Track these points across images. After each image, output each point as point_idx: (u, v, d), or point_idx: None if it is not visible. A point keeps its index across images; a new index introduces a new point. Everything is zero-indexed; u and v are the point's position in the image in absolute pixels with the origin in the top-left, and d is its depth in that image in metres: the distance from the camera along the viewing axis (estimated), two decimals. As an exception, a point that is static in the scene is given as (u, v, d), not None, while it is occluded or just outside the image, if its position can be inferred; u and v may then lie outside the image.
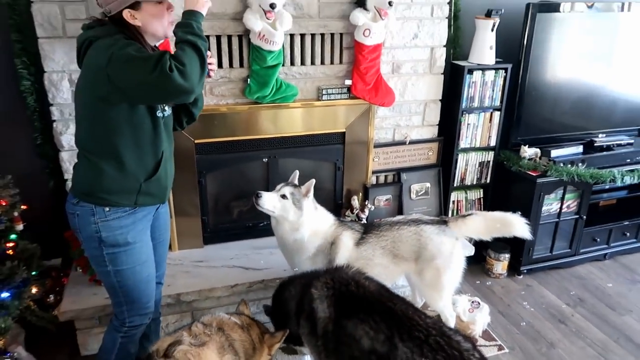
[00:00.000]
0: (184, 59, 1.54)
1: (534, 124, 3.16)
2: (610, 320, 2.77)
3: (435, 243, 2.28)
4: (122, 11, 1.62)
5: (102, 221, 1.71)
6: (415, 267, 2.33)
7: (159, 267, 2.05)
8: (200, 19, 1.68)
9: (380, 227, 2.35)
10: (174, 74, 1.50)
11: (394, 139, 3.02)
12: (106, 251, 1.74)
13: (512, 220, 2.35)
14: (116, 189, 1.71)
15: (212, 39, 2.48)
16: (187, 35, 1.61)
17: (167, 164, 1.83)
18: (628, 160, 3.24)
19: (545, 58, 3.04)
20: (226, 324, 1.70)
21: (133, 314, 1.88)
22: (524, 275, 3.17)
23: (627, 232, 3.37)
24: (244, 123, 2.67)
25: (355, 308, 1.71)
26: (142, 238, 1.82)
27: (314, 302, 1.81)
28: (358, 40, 2.63)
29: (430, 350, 1.49)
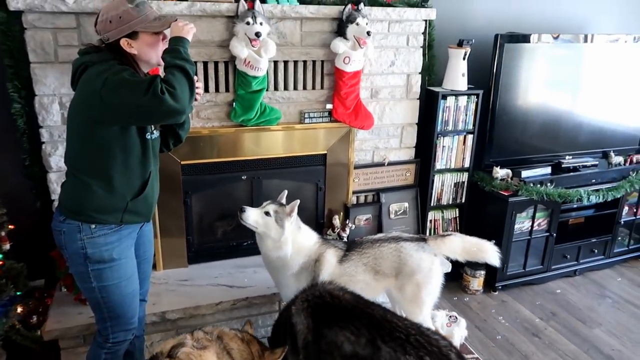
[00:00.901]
0: (174, 82, 1.64)
1: (505, 146, 3.33)
2: (581, 332, 2.90)
3: (414, 259, 2.37)
4: (120, 40, 1.71)
5: (88, 238, 1.76)
6: (396, 283, 2.41)
7: (142, 284, 2.08)
8: (186, 44, 1.78)
9: (362, 245, 2.42)
10: (166, 96, 1.59)
11: (373, 161, 3.14)
12: (91, 267, 1.78)
13: (487, 248, 2.44)
14: (104, 207, 1.76)
15: (199, 64, 2.59)
16: (176, 60, 1.70)
17: (154, 183, 1.91)
18: (593, 180, 3.42)
19: (514, 85, 3.24)
20: (226, 334, 1.76)
21: (117, 329, 1.91)
22: (499, 291, 3.29)
23: (595, 249, 3.53)
24: (229, 145, 2.76)
25: (333, 317, 1.78)
26: (127, 254, 1.87)
27: (292, 317, 1.88)
28: (338, 67, 2.78)
29: (413, 348, 1.57)
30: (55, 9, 2.23)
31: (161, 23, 1.77)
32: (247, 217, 2.26)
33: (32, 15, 2.25)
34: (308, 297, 1.92)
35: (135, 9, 1.71)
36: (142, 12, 1.73)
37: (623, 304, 3.22)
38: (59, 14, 2.27)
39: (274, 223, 2.28)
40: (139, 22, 1.71)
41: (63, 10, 2.24)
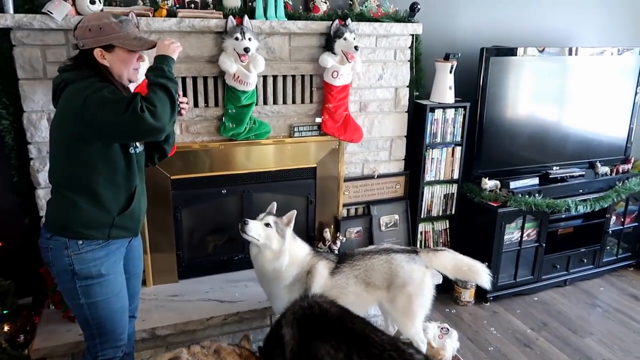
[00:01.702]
0: (155, 101, 1.65)
1: (493, 158, 3.36)
2: (573, 342, 2.90)
3: (405, 270, 2.38)
4: (94, 49, 1.72)
5: (76, 254, 1.75)
6: (387, 295, 2.41)
7: (132, 300, 2.06)
8: (171, 63, 1.79)
9: (354, 257, 2.43)
10: (145, 114, 1.60)
11: (363, 174, 3.16)
12: (79, 284, 1.77)
13: (479, 269, 2.46)
14: (90, 223, 1.76)
15: (188, 79, 2.61)
16: (158, 78, 1.71)
17: (140, 198, 1.90)
18: (581, 190, 3.46)
19: (501, 97, 3.28)
20: (223, 349, 1.74)
21: (106, 346, 1.89)
22: (490, 302, 3.29)
23: (585, 258, 3.56)
24: (219, 159, 2.77)
25: (318, 330, 1.80)
26: (115, 270, 1.85)
27: (282, 329, 1.89)
28: (327, 81, 2.81)
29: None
30: (44, 26, 2.25)
31: (140, 43, 1.79)
32: (249, 229, 2.25)
33: (20, 33, 2.27)
34: (296, 309, 1.94)
35: (118, 24, 1.74)
36: (123, 28, 1.75)
37: (613, 313, 3.23)
38: (48, 31, 2.29)
39: (275, 233, 2.29)
40: (118, 37, 1.73)
41: (52, 27, 2.26)
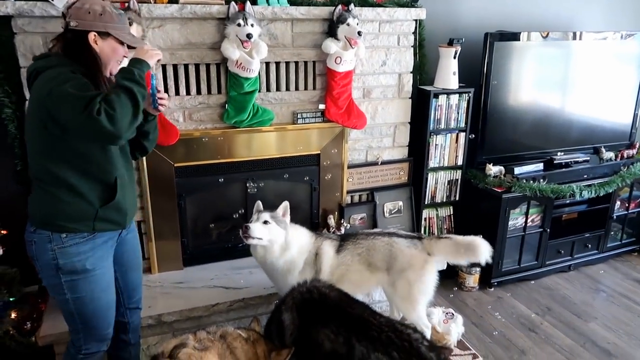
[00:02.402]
0: (116, 104, 1.55)
1: (498, 144, 3.35)
2: (577, 327, 2.91)
3: (405, 255, 2.39)
4: (90, 32, 1.68)
5: (59, 248, 1.70)
6: (388, 278, 2.43)
7: (134, 293, 2.06)
8: (144, 67, 1.72)
9: (357, 237, 2.47)
10: (102, 117, 1.52)
11: (367, 160, 3.16)
12: (64, 279, 1.73)
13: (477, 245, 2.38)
14: (72, 216, 1.71)
15: (191, 66, 2.60)
16: (125, 81, 1.63)
17: (126, 189, 1.83)
18: (585, 176, 3.45)
19: (505, 83, 3.26)
20: (229, 334, 1.74)
21: (90, 340, 1.86)
22: (494, 287, 3.30)
23: (589, 244, 3.55)
24: (223, 147, 2.76)
25: (318, 314, 1.83)
26: (102, 265, 1.80)
27: (282, 314, 1.92)
28: (330, 68, 2.79)
29: (382, 345, 1.64)
30: (45, 14, 2.23)
31: (132, 39, 1.80)
32: (253, 232, 2.26)
33: (21, 20, 2.25)
34: (295, 295, 1.96)
35: (117, 16, 1.73)
36: (121, 21, 1.75)
37: (617, 297, 3.24)
38: (49, 18, 2.27)
39: (276, 227, 2.31)
40: (115, 28, 1.72)
41: (52, 14, 2.24)
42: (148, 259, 2.80)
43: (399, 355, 1.60)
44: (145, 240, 2.77)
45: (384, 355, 1.61)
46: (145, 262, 2.81)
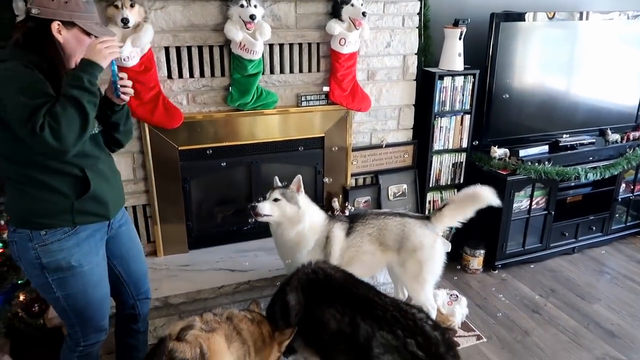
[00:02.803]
0: (61, 118, 1.44)
1: (503, 126, 3.33)
2: (581, 308, 2.92)
3: (417, 235, 2.40)
4: (53, 21, 1.56)
5: (41, 246, 1.63)
6: (398, 258, 2.44)
7: (141, 284, 2.02)
8: (96, 71, 1.56)
9: (366, 217, 2.48)
10: (45, 133, 1.42)
11: (371, 143, 3.14)
12: (51, 277, 1.67)
13: (480, 193, 2.45)
14: (47, 211, 1.63)
15: (194, 49, 2.57)
16: (73, 90, 1.49)
17: (102, 180, 1.73)
18: (590, 158, 3.43)
19: (510, 64, 3.23)
20: (235, 315, 1.76)
21: (88, 331, 1.82)
22: (498, 270, 3.31)
23: (593, 226, 3.55)
24: (227, 130, 2.75)
25: (323, 295, 1.85)
26: (90, 260, 1.73)
27: (287, 295, 1.93)
28: (334, 49, 2.76)
29: (388, 324, 1.65)
30: (47, -6, 2.21)
31: (100, 30, 1.67)
32: (261, 209, 2.27)
33: (22, 2, 2.22)
34: (300, 275, 1.97)
35: (84, 4, 1.61)
36: (89, 10, 1.63)
37: (621, 279, 3.25)
38: (51, 0, 2.24)
39: (286, 203, 2.31)
40: (81, 17, 1.60)
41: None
42: (154, 242, 2.82)
43: (403, 334, 1.61)
44: (151, 224, 2.78)
45: (389, 334, 1.62)
46: (151, 245, 2.83)
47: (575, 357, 2.52)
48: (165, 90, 2.57)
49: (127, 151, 2.60)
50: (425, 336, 1.61)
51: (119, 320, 2.12)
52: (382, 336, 1.62)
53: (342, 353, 1.74)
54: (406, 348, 1.58)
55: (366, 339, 1.65)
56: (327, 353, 1.81)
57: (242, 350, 1.68)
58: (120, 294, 2.01)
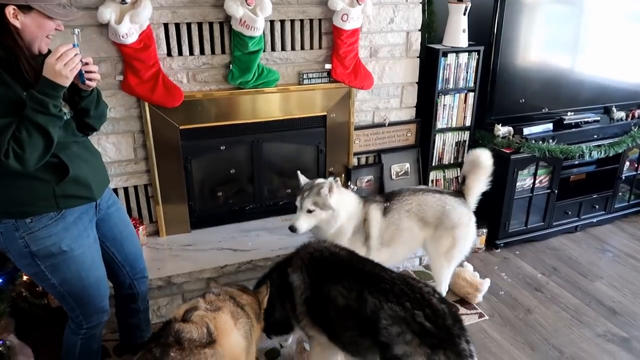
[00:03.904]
0: (26, 145, 1.44)
1: (507, 104, 3.29)
2: (583, 286, 2.93)
3: (457, 213, 2.43)
4: (6, 5, 1.44)
5: (28, 234, 1.61)
6: (434, 234, 2.46)
7: (137, 263, 2.03)
8: (60, 92, 1.49)
9: (402, 194, 2.49)
10: (10, 160, 1.44)
11: (374, 121, 3.11)
12: (43, 264, 1.65)
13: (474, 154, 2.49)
14: (30, 198, 1.60)
15: (193, 25, 2.52)
16: (38, 116, 1.44)
17: (81, 162, 1.68)
18: (595, 136, 3.40)
19: (515, 40, 3.17)
20: (236, 293, 1.77)
21: (88, 314, 1.82)
22: (501, 248, 3.31)
23: (596, 204, 3.54)
24: (228, 108, 2.72)
25: (329, 273, 1.86)
26: (81, 243, 1.71)
27: (289, 277, 1.94)
28: (336, 25, 2.71)
29: (395, 296, 1.66)
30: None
31: (63, 12, 1.54)
32: (300, 227, 2.28)
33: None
34: (303, 255, 1.97)
35: None
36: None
37: (623, 257, 3.25)
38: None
39: (320, 211, 2.30)
40: (39, 0, 1.48)
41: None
42: (156, 222, 2.81)
43: (411, 306, 1.62)
44: (153, 204, 2.77)
45: (397, 306, 1.63)
46: (153, 225, 2.82)
47: (576, 334, 2.54)
48: (165, 68, 2.52)
49: (127, 130, 2.57)
50: (432, 308, 1.62)
51: (118, 301, 2.14)
52: (390, 308, 1.63)
53: (349, 328, 1.76)
54: (414, 319, 1.59)
55: (374, 312, 1.66)
56: (335, 329, 1.82)
57: (248, 325, 1.70)
58: (117, 275, 2.01)
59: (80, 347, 1.87)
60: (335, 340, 1.85)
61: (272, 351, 2.39)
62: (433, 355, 1.53)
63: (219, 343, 1.52)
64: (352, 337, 1.77)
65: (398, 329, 1.59)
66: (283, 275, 1.97)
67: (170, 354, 1.42)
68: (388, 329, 1.61)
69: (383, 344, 1.62)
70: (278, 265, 2.08)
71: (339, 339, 1.84)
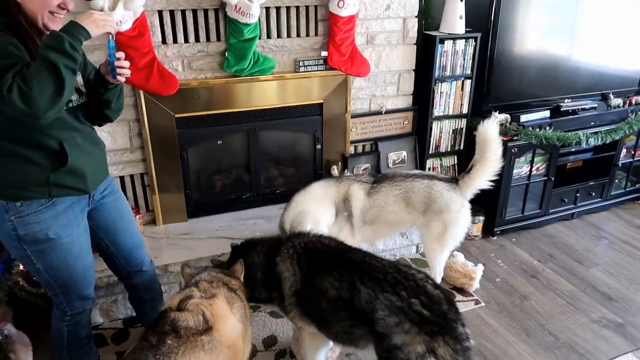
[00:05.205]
0: (32, 80, 1.33)
1: (504, 91, 3.27)
2: (578, 272, 2.95)
3: (444, 198, 2.42)
4: None
5: (17, 217, 1.59)
6: (423, 220, 2.47)
7: (132, 258, 1.98)
8: (81, 34, 1.44)
9: (394, 178, 2.49)
10: (13, 95, 1.32)
11: (370, 109, 3.10)
12: (29, 249, 1.63)
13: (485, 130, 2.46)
14: (22, 183, 1.58)
15: (188, 12, 2.50)
16: (49, 52, 1.37)
17: (81, 153, 1.65)
18: (592, 123, 3.39)
19: (512, 27, 3.15)
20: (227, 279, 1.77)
21: (72, 301, 1.80)
22: (497, 236, 3.32)
23: (593, 192, 3.55)
24: (223, 96, 2.70)
25: (320, 264, 1.83)
26: (70, 232, 1.68)
27: (277, 266, 1.89)
28: (332, 12, 2.69)
29: (390, 285, 1.65)
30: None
31: None
32: None
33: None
34: (293, 246, 1.92)
35: None
36: None
37: (619, 244, 3.26)
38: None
39: None
40: None
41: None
42: (152, 211, 2.81)
43: (407, 294, 1.61)
44: (149, 193, 2.77)
45: (393, 295, 1.62)
46: (150, 214, 2.82)
47: (571, 320, 2.56)
48: (160, 56, 2.50)
49: (123, 119, 2.55)
50: (427, 295, 1.61)
51: (127, 288, 2.14)
52: (386, 298, 1.62)
53: (341, 319, 1.75)
54: (412, 308, 1.58)
55: (368, 302, 1.65)
56: (325, 321, 1.80)
57: (243, 309, 1.70)
58: (114, 265, 2.00)
59: (67, 334, 1.86)
60: (326, 330, 1.84)
61: (270, 338, 2.41)
62: (432, 342, 1.53)
63: (216, 329, 1.52)
64: (345, 328, 1.75)
65: (396, 319, 1.58)
66: (270, 264, 1.92)
67: (166, 341, 1.42)
68: (385, 319, 1.60)
69: (380, 334, 1.62)
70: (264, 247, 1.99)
71: (330, 330, 1.82)
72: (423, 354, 1.52)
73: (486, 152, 2.43)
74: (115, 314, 2.52)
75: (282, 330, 2.45)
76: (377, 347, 1.65)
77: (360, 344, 1.75)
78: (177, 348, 1.41)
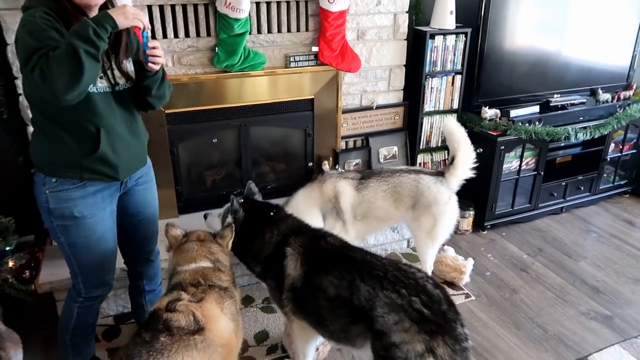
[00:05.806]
0: (53, 64, 1.41)
1: (494, 86, 3.29)
2: (567, 266, 2.98)
3: (432, 192, 2.43)
4: None
5: (51, 191, 1.70)
6: (412, 214, 2.48)
7: (145, 246, 2.06)
8: (108, 25, 1.47)
9: (382, 174, 2.50)
10: (35, 75, 1.42)
11: (361, 105, 3.10)
12: (56, 222, 1.74)
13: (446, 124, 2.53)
14: (56, 162, 1.68)
15: (178, 7, 2.48)
16: (73, 37, 1.42)
17: (114, 142, 1.71)
18: (581, 118, 3.43)
19: (503, 23, 3.16)
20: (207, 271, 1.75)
21: (88, 285, 1.87)
22: (487, 230, 3.35)
23: (581, 186, 3.59)
24: (214, 92, 2.69)
25: (322, 262, 1.82)
26: (95, 213, 1.76)
27: (285, 259, 1.88)
28: (323, 7, 2.68)
29: (390, 283, 1.64)
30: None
31: None
32: None
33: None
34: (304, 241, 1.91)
35: None
36: None
37: (607, 237, 3.30)
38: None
39: None
40: None
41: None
42: (143, 207, 2.79)
43: (407, 292, 1.60)
44: (139, 189, 2.75)
45: (393, 293, 1.61)
46: (141, 210, 2.80)
47: (560, 312, 2.59)
48: (149, 51, 2.48)
49: (112, 115, 2.54)
50: (427, 294, 1.61)
51: (129, 276, 2.18)
52: (386, 296, 1.61)
53: (339, 317, 1.73)
54: (411, 306, 1.57)
55: (368, 300, 1.64)
56: (323, 318, 1.79)
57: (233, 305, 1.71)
58: (126, 249, 2.06)
59: (76, 316, 1.92)
60: (322, 328, 1.82)
61: (261, 333, 2.41)
62: (431, 342, 1.53)
63: (208, 329, 1.53)
64: (343, 326, 1.74)
65: (395, 316, 1.58)
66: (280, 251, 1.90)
67: (160, 338, 1.43)
68: (385, 317, 1.59)
69: (378, 331, 1.60)
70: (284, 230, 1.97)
71: (326, 328, 1.80)
72: (422, 353, 1.52)
73: (454, 142, 2.47)
74: (106, 311, 2.51)
75: (274, 326, 2.45)
76: (375, 345, 1.63)
77: (357, 343, 1.73)
78: (170, 345, 1.42)
